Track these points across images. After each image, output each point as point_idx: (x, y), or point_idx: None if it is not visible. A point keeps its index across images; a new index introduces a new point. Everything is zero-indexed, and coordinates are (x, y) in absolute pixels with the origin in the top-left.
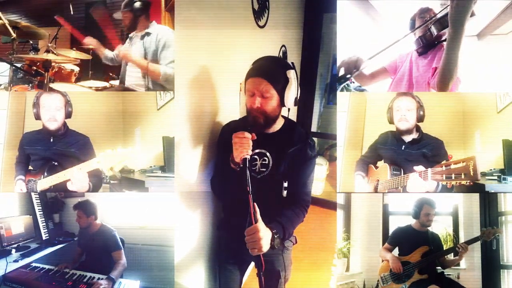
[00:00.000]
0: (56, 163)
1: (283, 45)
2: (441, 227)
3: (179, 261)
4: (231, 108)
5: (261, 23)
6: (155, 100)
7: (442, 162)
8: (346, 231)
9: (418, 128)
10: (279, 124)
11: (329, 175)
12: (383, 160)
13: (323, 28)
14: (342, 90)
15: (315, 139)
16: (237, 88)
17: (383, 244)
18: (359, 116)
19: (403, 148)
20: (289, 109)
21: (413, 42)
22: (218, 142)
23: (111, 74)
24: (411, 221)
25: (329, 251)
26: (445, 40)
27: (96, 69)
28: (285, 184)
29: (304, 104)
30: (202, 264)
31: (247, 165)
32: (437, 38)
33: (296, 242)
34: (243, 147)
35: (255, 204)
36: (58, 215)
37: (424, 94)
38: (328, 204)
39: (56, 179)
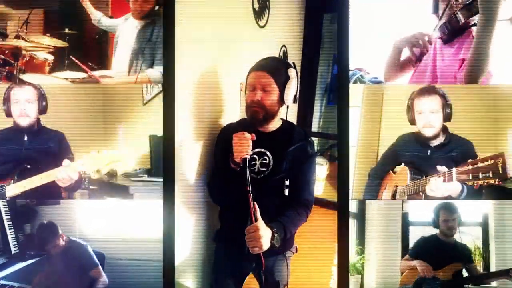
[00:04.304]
0: (29, 166)
1: (283, 45)
2: (468, 239)
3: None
4: (232, 108)
5: (262, 23)
6: (141, 94)
7: (468, 161)
8: (360, 244)
9: (445, 129)
10: (277, 123)
11: (329, 175)
12: (402, 164)
13: (323, 28)
14: (355, 82)
15: (315, 139)
16: (237, 88)
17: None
18: (375, 112)
19: (429, 154)
20: (288, 107)
21: (437, 28)
22: (217, 144)
23: (90, 64)
24: (436, 231)
25: (329, 251)
26: (473, 26)
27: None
28: (287, 183)
29: (305, 104)
30: (196, 277)
31: (247, 165)
32: (464, 24)
33: (296, 251)
34: (243, 147)
35: (255, 203)
36: (30, 225)
37: (449, 87)
38: (328, 204)
39: (39, 180)
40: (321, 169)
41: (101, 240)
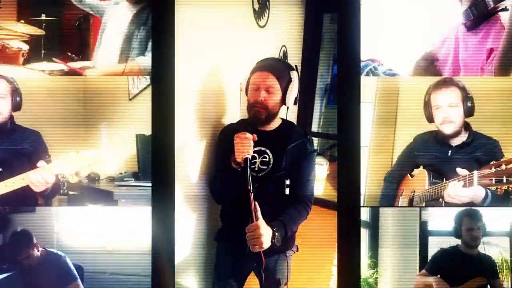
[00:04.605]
0: (0, 169)
1: (283, 45)
2: (494, 251)
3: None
4: (231, 109)
5: (261, 23)
6: (127, 88)
7: (491, 163)
8: (373, 256)
9: (467, 126)
10: (277, 122)
11: (329, 175)
12: (421, 166)
13: (323, 28)
14: (367, 74)
15: (315, 139)
16: (237, 88)
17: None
18: (389, 109)
19: (449, 154)
20: (288, 108)
21: (461, 13)
22: (217, 144)
23: (70, 54)
24: (457, 241)
25: (329, 251)
26: (501, 10)
27: (50, 47)
28: (287, 182)
29: (305, 104)
30: (197, 276)
31: (248, 165)
32: (492, 9)
33: (297, 251)
34: (245, 147)
35: (255, 202)
36: (1, 235)
37: (470, 80)
38: (328, 204)
39: (12, 184)
40: (321, 169)
41: (82, 252)
